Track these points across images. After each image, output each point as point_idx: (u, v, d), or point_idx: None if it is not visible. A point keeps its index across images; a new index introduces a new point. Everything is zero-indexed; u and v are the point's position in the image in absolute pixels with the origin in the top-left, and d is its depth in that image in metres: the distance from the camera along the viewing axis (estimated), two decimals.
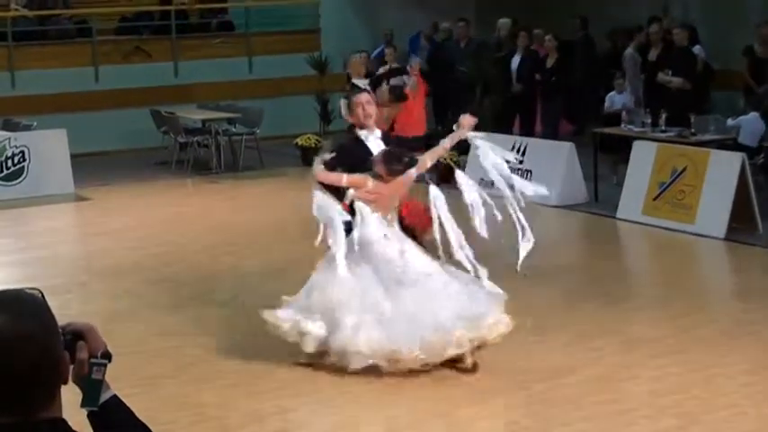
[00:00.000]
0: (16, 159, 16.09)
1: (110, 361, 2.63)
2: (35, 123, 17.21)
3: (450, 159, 10.93)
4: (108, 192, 16.15)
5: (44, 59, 19.47)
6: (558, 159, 14.24)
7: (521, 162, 12.80)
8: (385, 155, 8.06)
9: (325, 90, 19.23)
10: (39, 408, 2.46)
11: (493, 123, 15.47)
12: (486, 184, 8.34)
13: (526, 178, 10.46)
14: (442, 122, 18.12)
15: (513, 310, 7.97)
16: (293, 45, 20.70)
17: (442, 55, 19.53)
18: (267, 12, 21.75)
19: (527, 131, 16.81)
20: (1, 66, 19.27)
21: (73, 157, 16.25)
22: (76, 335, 2.59)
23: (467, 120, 8.29)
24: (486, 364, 7.98)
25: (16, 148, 16.08)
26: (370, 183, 7.91)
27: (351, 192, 7.91)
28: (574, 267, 11.46)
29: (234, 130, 18.14)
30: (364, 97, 8.63)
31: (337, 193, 8.03)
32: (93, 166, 17.34)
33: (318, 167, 8.03)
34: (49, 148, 16.25)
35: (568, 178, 14.16)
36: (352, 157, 8.13)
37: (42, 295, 2.62)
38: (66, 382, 2.62)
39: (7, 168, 16.03)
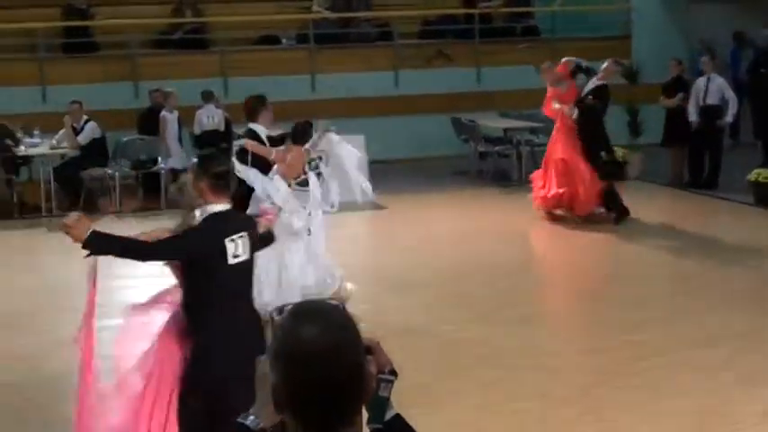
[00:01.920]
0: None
1: (396, 378, 2.66)
2: (333, 128, 17.71)
3: None
4: (404, 201, 16.44)
5: (344, 63, 20.10)
6: None
7: None
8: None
9: (635, 100, 18.90)
10: (345, 423, 2.52)
11: None
12: None
13: None
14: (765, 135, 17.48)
15: None
16: (601, 52, 20.30)
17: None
18: (575, 17, 21.61)
19: None
20: (302, 68, 20.00)
21: (370, 163, 16.60)
22: (365, 349, 2.63)
23: None
24: None
25: (314, 152, 16.57)
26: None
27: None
28: None
29: (537, 140, 18.10)
30: None
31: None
32: (389, 174, 17.71)
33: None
34: (346, 153, 16.63)
35: None
36: None
37: (344, 307, 2.69)
38: (369, 398, 2.66)
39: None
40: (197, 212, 6.12)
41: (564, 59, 15.05)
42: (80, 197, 16.38)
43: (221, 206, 5.99)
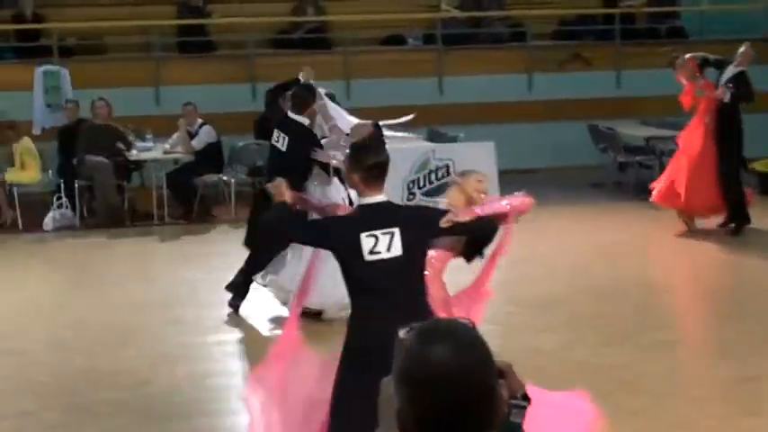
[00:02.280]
0: (440, 174, 16.61)
1: (529, 403, 2.66)
2: (461, 134, 17.73)
3: None
4: (537, 213, 16.20)
5: (474, 65, 20.08)
6: None
7: None
8: None
9: None
10: None
11: None
12: None
13: None
14: None
15: None
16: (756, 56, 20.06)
17: None
18: (725, 18, 21.27)
19: None
20: (429, 71, 20.04)
21: (500, 173, 16.55)
22: (497, 372, 2.62)
23: None
24: None
25: (440, 161, 16.59)
26: None
27: None
28: None
29: None
30: None
31: None
32: (521, 185, 17.51)
33: None
34: (475, 162, 16.60)
35: None
36: None
37: (474, 326, 2.67)
38: (500, 424, 2.64)
39: (430, 183, 16.56)
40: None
41: (688, 55, 14.97)
42: (194, 204, 16.63)
43: (373, 198, 6.04)
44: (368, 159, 6.07)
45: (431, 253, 6.66)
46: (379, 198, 6.06)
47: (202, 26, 20.19)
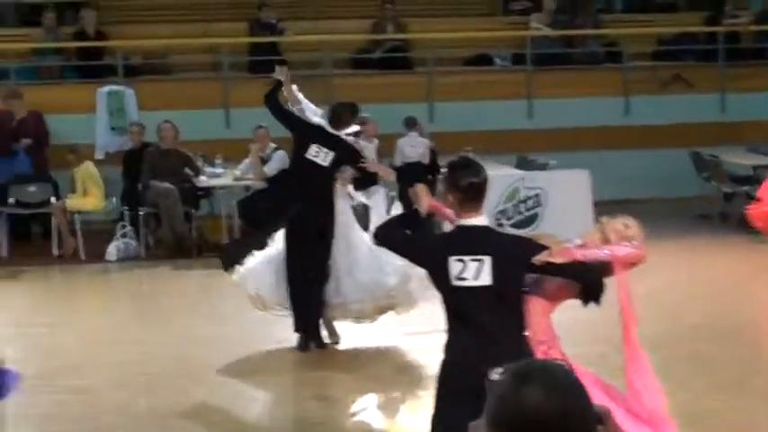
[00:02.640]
0: (530, 203, 16.53)
1: None
2: (553, 162, 17.64)
3: None
4: None
5: (566, 87, 20.02)
6: None
7: None
8: None
9: None
10: None
11: None
12: None
13: None
14: None
15: None
16: None
17: None
18: None
19: None
20: (517, 93, 20.01)
21: (595, 203, 16.42)
22: (595, 418, 2.61)
23: None
24: None
25: (530, 190, 16.51)
26: None
27: None
28: None
29: None
30: None
31: None
32: (618, 216, 17.45)
33: None
34: (567, 191, 16.52)
35: None
36: None
37: (571, 368, 2.65)
38: None
39: (519, 213, 16.50)
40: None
41: None
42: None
43: (469, 221, 6.14)
44: (464, 179, 6.13)
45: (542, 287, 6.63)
46: (475, 221, 6.14)
47: (275, 44, 20.28)
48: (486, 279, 5.99)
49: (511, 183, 16.50)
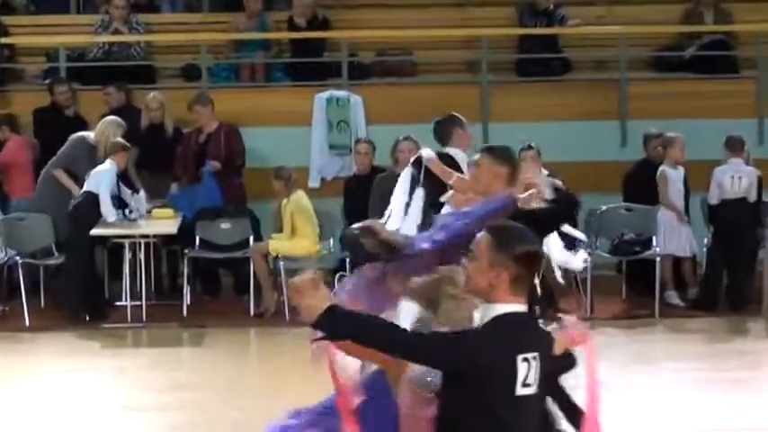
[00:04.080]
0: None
1: None
2: None
3: None
4: None
5: None
6: None
7: None
8: None
9: None
10: None
11: None
12: None
13: None
14: None
15: None
16: None
17: None
18: None
19: None
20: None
21: None
22: None
23: None
24: None
25: None
26: None
27: None
28: None
29: None
30: None
31: None
32: None
33: None
34: None
35: None
36: None
37: None
38: None
39: None
40: (476, 310, 6.09)
41: None
42: None
43: (514, 306, 5.87)
44: (521, 245, 5.88)
45: None
46: (522, 306, 5.92)
47: (552, 38, 19.92)
48: (536, 382, 5.91)
49: None
